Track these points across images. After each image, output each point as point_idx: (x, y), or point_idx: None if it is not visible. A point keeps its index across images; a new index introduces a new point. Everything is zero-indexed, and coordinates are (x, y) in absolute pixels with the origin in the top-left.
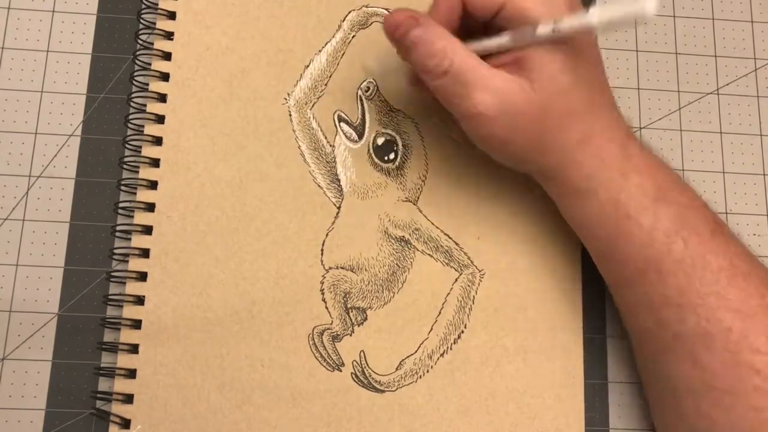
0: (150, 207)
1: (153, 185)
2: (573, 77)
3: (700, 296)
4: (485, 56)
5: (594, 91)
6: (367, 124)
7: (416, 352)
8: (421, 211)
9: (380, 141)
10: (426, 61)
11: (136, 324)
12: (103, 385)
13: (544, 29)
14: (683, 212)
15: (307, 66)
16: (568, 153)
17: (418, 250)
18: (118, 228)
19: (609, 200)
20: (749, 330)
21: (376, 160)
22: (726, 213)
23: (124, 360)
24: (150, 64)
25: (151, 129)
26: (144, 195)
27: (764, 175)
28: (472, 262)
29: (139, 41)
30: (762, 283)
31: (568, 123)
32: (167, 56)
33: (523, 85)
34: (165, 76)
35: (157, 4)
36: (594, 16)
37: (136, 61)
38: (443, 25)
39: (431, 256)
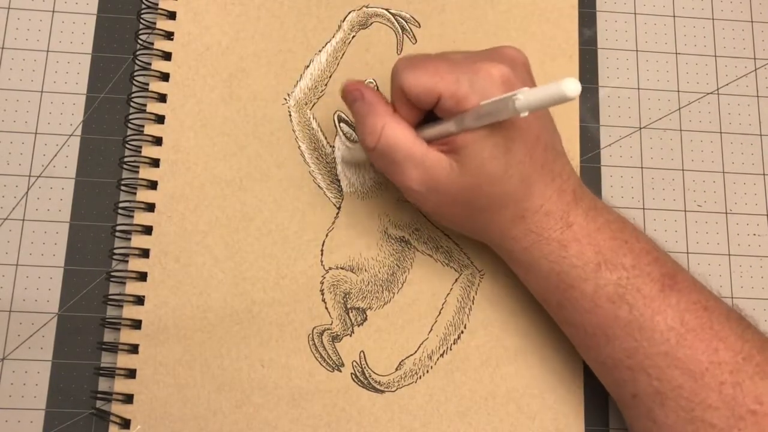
0: (150, 207)
1: (153, 185)
2: (504, 162)
3: (649, 357)
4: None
5: (528, 173)
6: None
7: (416, 352)
8: (420, 212)
9: None
10: (359, 134)
11: (136, 324)
12: (103, 385)
13: (470, 118)
14: (627, 275)
15: (307, 66)
16: (503, 230)
17: (418, 250)
18: (118, 228)
19: (551, 271)
20: (700, 388)
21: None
22: (726, 213)
23: (124, 360)
24: (150, 64)
25: (151, 129)
26: (144, 195)
27: (764, 175)
28: (471, 262)
29: (139, 41)
30: (715, 336)
31: (499, 205)
32: (167, 56)
33: (452, 166)
34: (165, 76)
35: (157, 4)
36: (517, 103)
37: (136, 61)
38: (409, 113)
39: (431, 256)
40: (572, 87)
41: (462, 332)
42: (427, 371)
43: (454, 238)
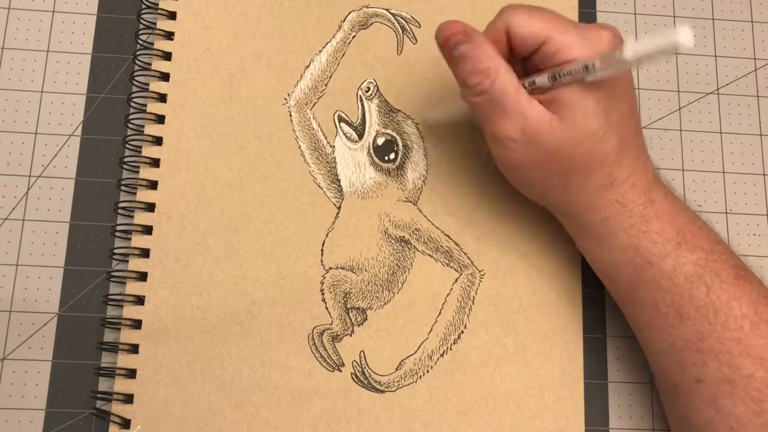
0: (150, 207)
1: (153, 185)
2: (604, 122)
3: (721, 342)
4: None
5: (623, 136)
6: (368, 125)
7: (416, 352)
8: (421, 212)
9: (380, 141)
10: (469, 78)
11: (136, 324)
12: (103, 385)
13: (588, 68)
14: (705, 257)
15: (308, 66)
16: (589, 195)
17: (418, 250)
18: (118, 228)
19: (629, 245)
20: None
21: (377, 160)
22: (726, 213)
23: (124, 360)
24: (150, 64)
25: (151, 129)
26: (144, 195)
27: (764, 175)
28: (472, 262)
29: (139, 41)
30: None
31: (593, 167)
32: (167, 56)
33: (554, 121)
34: (165, 76)
35: (157, 4)
36: (629, 50)
37: (136, 61)
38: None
39: (431, 256)
40: (686, 36)
41: (462, 332)
42: (428, 371)
43: (455, 238)
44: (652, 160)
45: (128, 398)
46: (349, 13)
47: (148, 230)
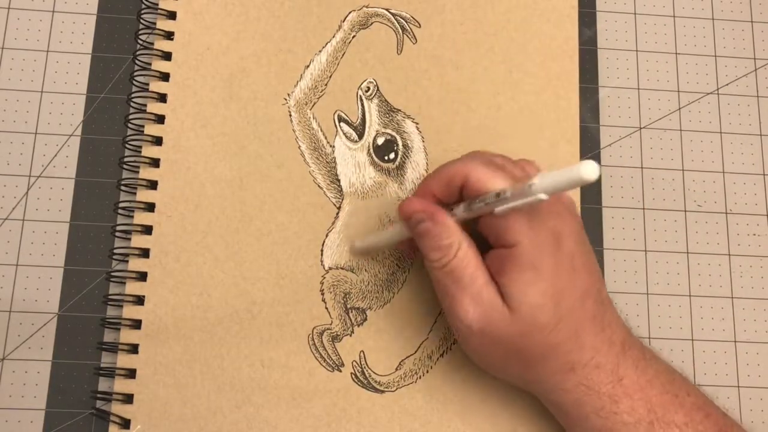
0: (150, 207)
1: (153, 185)
2: (554, 313)
3: None
4: None
5: (579, 322)
6: (368, 124)
7: (416, 352)
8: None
9: (380, 141)
10: (430, 253)
11: (136, 324)
12: (103, 385)
13: (500, 195)
14: None
15: (308, 66)
16: (551, 381)
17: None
18: (118, 228)
19: (602, 427)
20: None
21: (377, 160)
22: (726, 213)
23: (123, 360)
24: (150, 64)
25: (151, 129)
26: (144, 195)
27: (764, 175)
28: None
29: (139, 41)
30: None
31: (550, 356)
32: (167, 56)
33: (505, 313)
34: (165, 76)
35: (157, 4)
36: (537, 183)
37: (136, 61)
38: (440, 195)
39: None
40: (589, 170)
41: None
42: (427, 371)
43: None
44: (620, 317)
45: (128, 398)
46: (349, 12)
47: (147, 230)
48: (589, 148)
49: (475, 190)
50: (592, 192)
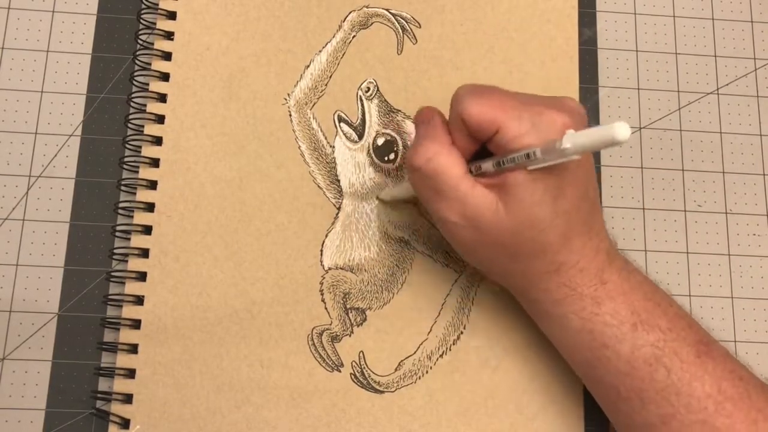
0: (150, 207)
1: (153, 185)
2: (549, 211)
3: (686, 425)
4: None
5: (572, 224)
6: (367, 125)
7: (415, 352)
8: (420, 212)
9: (380, 141)
10: (410, 152)
11: (136, 324)
12: (103, 385)
13: (530, 156)
14: (664, 337)
15: (308, 66)
16: (537, 279)
17: (417, 250)
18: (117, 228)
19: (583, 329)
20: None
21: (376, 160)
22: (726, 213)
23: (123, 360)
24: (150, 64)
25: (151, 129)
26: (144, 195)
27: (764, 175)
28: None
29: (139, 41)
30: (753, 407)
31: (538, 253)
32: (167, 56)
33: (498, 206)
34: (165, 76)
35: (157, 5)
36: (568, 141)
37: (136, 61)
38: (465, 142)
39: (431, 257)
40: (622, 131)
41: (461, 333)
42: (427, 372)
43: None
44: (612, 237)
45: (127, 398)
46: (350, 13)
47: (147, 230)
48: None
49: (473, 127)
50: None
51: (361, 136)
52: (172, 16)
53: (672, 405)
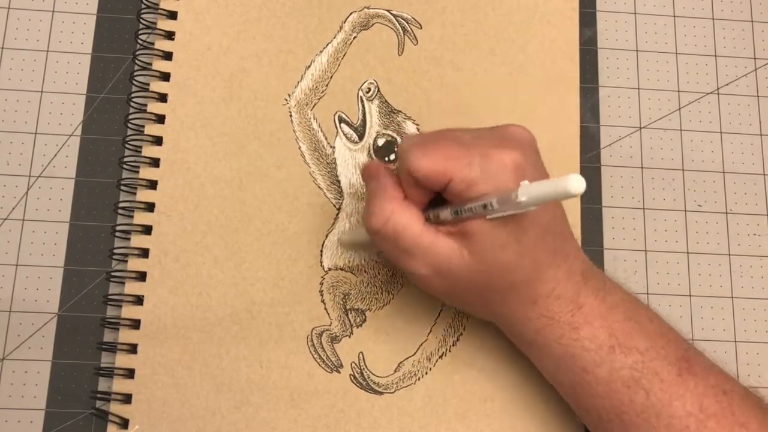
0: (150, 207)
1: (153, 185)
2: (515, 251)
3: None
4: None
5: (538, 259)
6: (368, 125)
7: (415, 353)
8: None
9: (381, 142)
10: (367, 214)
11: (135, 324)
12: (102, 385)
13: (487, 207)
14: (642, 359)
15: (308, 67)
16: (513, 314)
17: None
18: (117, 228)
19: (564, 354)
20: None
21: (377, 161)
22: (726, 213)
23: (122, 360)
24: (150, 64)
25: (151, 129)
26: (144, 195)
27: (764, 175)
28: None
29: (139, 41)
30: (736, 422)
31: (511, 292)
32: (168, 56)
33: (463, 253)
34: (165, 76)
35: (157, 4)
36: (523, 194)
37: (136, 61)
38: (417, 194)
39: None
40: (576, 184)
41: (461, 334)
42: (426, 373)
43: None
44: (579, 249)
45: (127, 398)
46: (351, 13)
47: (147, 230)
48: (589, 148)
49: (422, 180)
50: (592, 192)
51: (361, 137)
52: (172, 15)
53: (653, 426)
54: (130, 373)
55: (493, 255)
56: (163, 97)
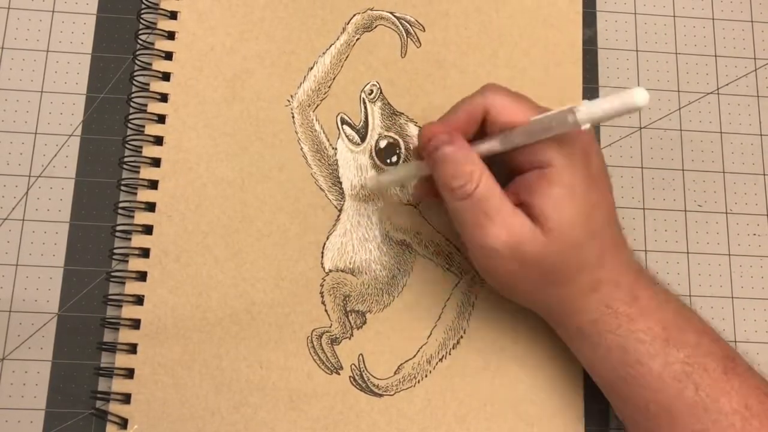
0: (150, 207)
1: (153, 185)
2: (586, 231)
3: None
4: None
5: (605, 241)
6: (370, 127)
7: (415, 356)
8: (422, 215)
9: (383, 144)
10: (452, 181)
11: (135, 324)
12: (102, 385)
13: (521, 133)
14: (693, 354)
15: (311, 68)
16: (575, 301)
17: (419, 254)
18: (118, 228)
19: (617, 346)
20: None
21: (379, 162)
22: (726, 213)
23: (122, 360)
24: (150, 64)
25: (152, 129)
26: (144, 195)
27: (764, 175)
28: (472, 267)
29: (139, 41)
30: None
31: (578, 275)
32: (168, 56)
33: (536, 233)
34: (166, 76)
35: (157, 4)
36: (579, 114)
37: (136, 61)
38: (463, 132)
39: (432, 260)
40: (641, 96)
41: (461, 337)
42: (426, 375)
43: (455, 242)
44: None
45: (126, 398)
46: (354, 15)
47: (148, 230)
48: None
49: (499, 121)
50: None
51: (363, 139)
52: (173, 15)
53: (700, 421)
54: (129, 373)
55: (566, 234)
56: (163, 97)
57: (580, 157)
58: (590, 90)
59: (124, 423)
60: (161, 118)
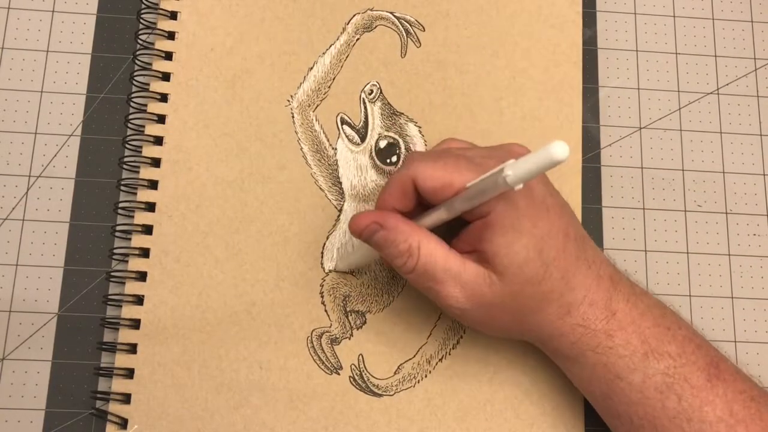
0: (150, 207)
1: (153, 185)
2: (542, 263)
3: None
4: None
5: (565, 266)
6: (370, 127)
7: (415, 356)
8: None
9: (383, 144)
10: (393, 261)
11: (135, 324)
12: (102, 385)
13: (461, 200)
14: (674, 364)
15: (311, 68)
16: (549, 328)
17: None
18: (118, 228)
19: (598, 363)
20: None
21: (379, 163)
22: (726, 213)
23: (122, 360)
24: (150, 64)
25: (152, 129)
26: (144, 195)
27: (764, 175)
28: None
29: (139, 41)
30: (765, 428)
31: (546, 305)
32: (168, 56)
33: (491, 278)
34: (166, 76)
35: (157, 4)
36: (508, 178)
37: (136, 61)
38: (404, 204)
39: None
40: (560, 150)
41: (461, 337)
42: (426, 376)
43: None
44: (601, 252)
45: (126, 398)
46: (354, 15)
47: (148, 230)
48: (589, 148)
49: (427, 188)
50: (592, 192)
51: (363, 139)
52: (173, 16)
53: (684, 431)
54: (129, 373)
55: (520, 271)
56: (163, 97)
57: (520, 194)
58: (590, 90)
59: (124, 423)
60: (161, 118)
